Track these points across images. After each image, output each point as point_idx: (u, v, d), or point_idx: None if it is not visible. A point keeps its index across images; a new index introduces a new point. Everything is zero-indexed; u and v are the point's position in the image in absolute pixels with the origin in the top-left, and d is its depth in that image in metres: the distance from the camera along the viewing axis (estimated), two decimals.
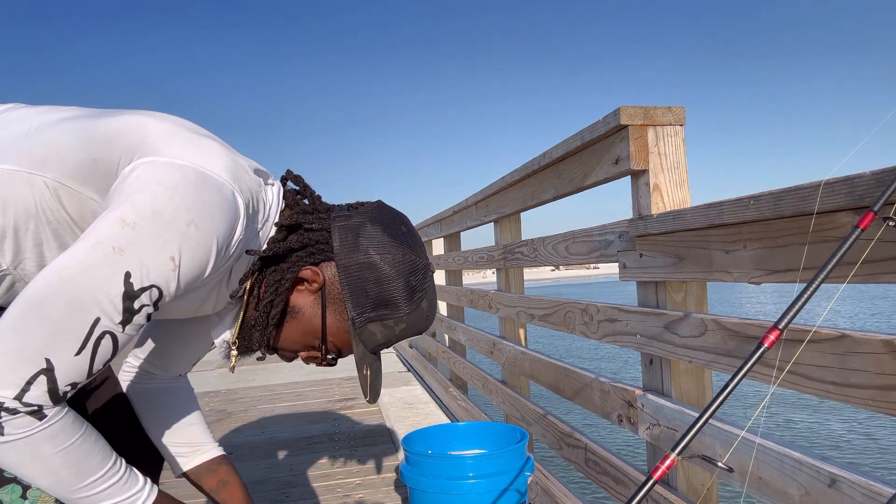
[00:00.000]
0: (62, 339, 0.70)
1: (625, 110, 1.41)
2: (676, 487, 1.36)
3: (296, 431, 2.98)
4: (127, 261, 0.72)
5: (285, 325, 0.92)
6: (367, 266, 0.88)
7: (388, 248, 0.89)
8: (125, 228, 0.72)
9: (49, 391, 0.71)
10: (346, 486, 2.19)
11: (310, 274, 0.89)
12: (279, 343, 0.95)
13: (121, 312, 0.73)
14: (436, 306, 0.96)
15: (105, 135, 0.79)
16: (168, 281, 0.75)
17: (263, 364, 5.37)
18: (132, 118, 0.82)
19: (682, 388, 1.38)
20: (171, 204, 0.73)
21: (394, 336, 0.91)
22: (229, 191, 0.78)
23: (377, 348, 0.91)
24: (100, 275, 0.71)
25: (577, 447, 1.80)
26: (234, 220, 0.79)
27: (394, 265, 0.88)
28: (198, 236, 0.75)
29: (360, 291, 0.89)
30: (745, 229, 1.08)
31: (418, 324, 0.92)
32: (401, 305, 0.89)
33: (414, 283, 0.90)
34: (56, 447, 0.75)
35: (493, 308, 2.70)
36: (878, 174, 0.79)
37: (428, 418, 3.08)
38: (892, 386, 0.81)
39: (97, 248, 0.71)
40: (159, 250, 0.73)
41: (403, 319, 0.90)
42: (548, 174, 1.99)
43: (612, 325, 1.57)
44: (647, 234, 1.39)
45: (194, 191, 0.75)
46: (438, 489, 1.52)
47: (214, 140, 0.84)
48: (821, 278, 0.60)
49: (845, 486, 0.86)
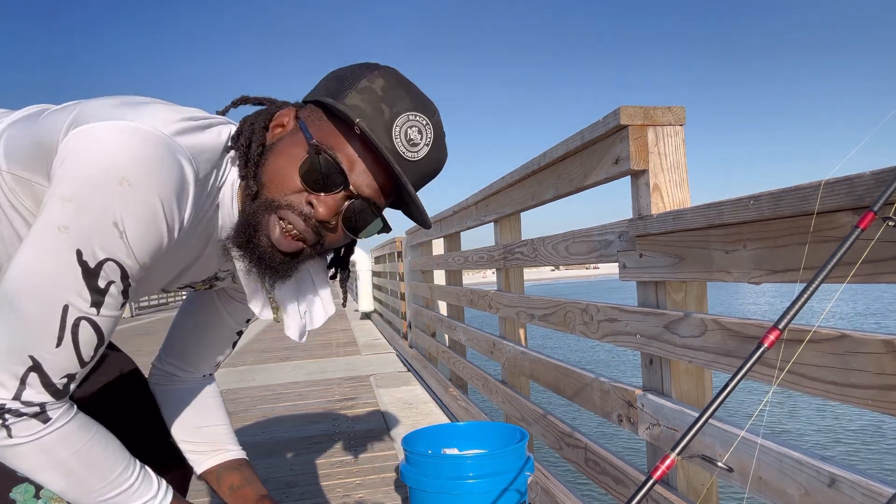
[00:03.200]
0: (39, 335, 0.69)
1: (625, 110, 1.41)
2: (676, 487, 1.36)
3: (296, 431, 2.98)
4: (74, 238, 0.68)
5: (269, 162, 0.81)
6: (328, 76, 0.84)
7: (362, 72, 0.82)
8: (65, 204, 0.68)
9: (45, 386, 0.71)
10: (346, 486, 2.19)
11: (281, 116, 0.83)
12: (270, 186, 0.80)
13: (88, 295, 0.70)
14: (425, 97, 0.85)
15: (51, 119, 0.76)
16: (118, 252, 0.70)
17: (264, 364, 5.38)
18: (79, 101, 0.78)
19: (682, 388, 1.38)
20: (101, 165, 0.68)
21: (378, 98, 0.79)
22: (163, 140, 0.71)
23: (374, 125, 0.78)
24: (53, 260, 0.68)
25: (577, 447, 1.80)
26: (177, 169, 0.72)
27: (357, 66, 0.83)
28: (135, 194, 0.68)
29: (324, 87, 0.82)
30: (745, 229, 1.08)
31: (403, 84, 0.82)
32: (368, 68, 0.81)
33: (376, 64, 0.84)
34: (68, 449, 0.75)
35: (493, 308, 2.70)
36: (878, 174, 0.79)
37: (428, 418, 3.08)
38: (892, 386, 0.81)
39: (45, 233, 0.68)
40: (99, 219, 0.68)
41: (377, 75, 0.80)
42: (548, 174, 1.99)
43: (612, 325, 1.57)
44: (647, 234, 1.39)
45: (124, 147, 0.68)
46: (438, 489, 1.52)
47: (158, 102, 0.78)
48: (821, 278, 0.60)
49: (845, 486, 0.86)
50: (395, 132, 0.79)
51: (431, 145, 0.82)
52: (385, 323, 7.93)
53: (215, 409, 1.14)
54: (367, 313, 9.58)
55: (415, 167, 0.81)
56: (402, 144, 0.79)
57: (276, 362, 5.47)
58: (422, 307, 4.85)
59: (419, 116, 0.80)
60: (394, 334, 6.57)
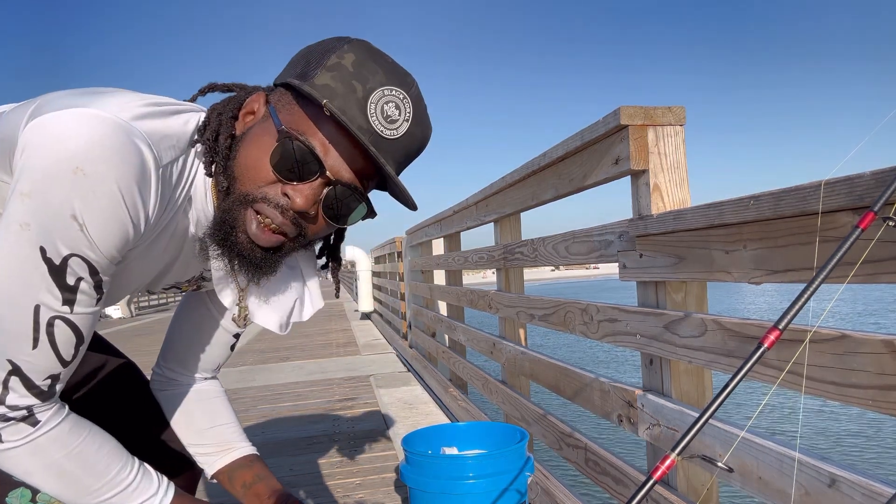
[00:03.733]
0: (13, 337, 0.67)
1: (625, 110, 1.41)
2: (676, 487, 1.36)
3: (296, 431, 2.98)
4: (36, 235, 0.65)
5: (239, 153, 0.77)
6: (298, 54, 0.79)
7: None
8: (24, 200, 0.65)
9: (28, 388, 0.69)
10: (346, 486, 2.19)
11: (251, 103, 0.79)
12: (242, 179, 0.77)
13: (58, 293, 0.67)
14: (399, 66, 0.79)
15: (14, 114, 0.73)
16: (81, 246, 0.67)
17: (264, 364, 5.37)
18: (42, 95, 0.75)
19: (682, 388, 1.38)
20: (54, 155, 0.64)
21: (349, 75, 0.74)
22: (120, 125, 0.67)
23: (346, 105, 0.73)
24: (17, 259, 0.65)
25: (577, 447, 1.80)
26: (135, 154, 0.68)
27: (325, 41, 0.78)
28: (91, 184, 0.65)
29: (291, 67, 0.78)
30: (745, 229, 1.08)
31: (375, 56, 0.76)
32: (337, 42, 0.76)
33: (345, 37, 0.78)
34: (60, 451, 0.74)
35: (493, 308, 2.70)
36: (878, 174, 0.79)
37: (428, 418, 3.08)
38: (892, 386, 0.81)
39: (8, 231, 0.66)
40: (58, 213, 0.65)
41: (346, 50, 0.75)
42: (548, 174, 1.99)
43: (612, 325, 1.57)
44: (647, 234, 1.39)
45: (78, 134, 0.64)
46: (438, 489, 1.52)
47: (121, 91, 0.74)
48: (821, 278, 0.60)
49: (845, 486, 0.86)
50: (371, 109, 0.73)
51: (412, 120, 0.76)
52: (385, 323, 7.92)
53: (221, 409, 1.11)
54: (367, 313, 9.58)
55: (396, 145, 0.76)
56: (379, 122, 0.74)
57: (276, 362, 5.47)
58: (422, 307, 4.85)
59: (395, 91, 0.75)
60: (394, 334, 6.57)
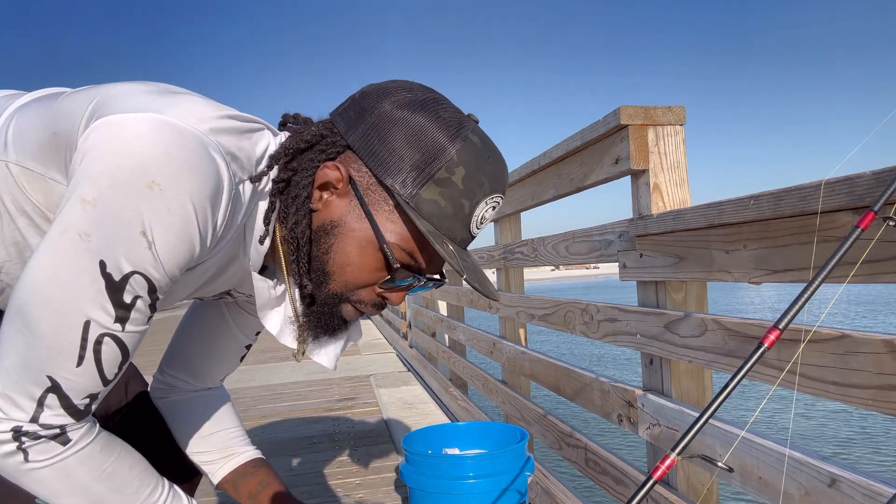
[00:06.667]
0: (57, 353, 0.62)
1: (625, 110, 1.41)
2: (676, 487, 1.36)
3: (296, 431, 2.98)
4: (97, 247, 0.60)
5: (332, 250, 0.74)
6: (382, 120, 0.71)
7: (396, 91, 0.73)
8: (86, 208, 0.60)
9: (65, 408, 0.65)
10: (346, 486, 2.19)
11: (328, 171, 0.72)
12: (337, 279, 0.75)
13: (112, 310, 0.63)
14: (496, 152, 0.75)
15: (67, 106, 0.68)
16: (146, 264, 0.62)
17: (264, 364, 5.37)
18: (99, 86, 0.70)
19: (682, 388, 1.38)
20: (127, 165, 0.60)
21: (459, 193, 0.70)
22: (198, 138, 0.63)
23: (453, 225, 0.71)
24: (73, 270, 0.61)
25: (577, 447, 1.80)
26: (213, 171, 0.64)
27: (411, 105, 0.71)
28: (165, 200, 0.61)
29: (388, 155, 0.71)
30: (745, 229, 1.08)
31: (480, 163, 0.71)
32: (443, 144, 0.70)
33: (446, 115, 0.72)
34: (90, 472, 0.70)
35: (493, 308, 2.70)
36: (878, 174, 0.79)
37: (428, 418, 3.08)
38: (892, 386, 0.81)
39: (63, 239, 0.61)
40: (126, 227, 0.61)
41: (456, 161, 0.70)
42: (548, 174, 1.99)
43: (612, 325, 1.57)
44: (647, 233, 1.39)
45: (155, 144, 0.60)
46: (438, 489, 1.52)
47: (192, 94, 0.70)
48: (821, 278, 0.60)
49: (845, 486, 0.86)
50: (473, 224, 0.74)
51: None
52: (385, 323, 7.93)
53: (224, 415, 1.08)
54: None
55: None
56: (476, 227, 0.75)
57: (276, 362, 5.47)
58: (422, 307, 4.85)
59: (497, 197, 0.75)
60: (394, 334, 6.57)
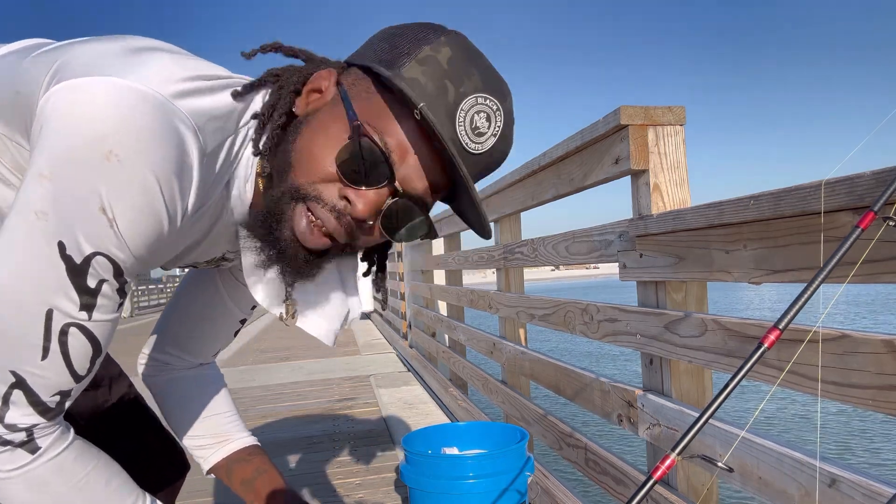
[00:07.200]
0: (19, 345, 0.57)
1: (625, 110, 1.41)
2: (676, 487, 1.36)
3: (296, 431, 2.98)
4: (54, 227, 0.55)
5: (300, 137, 0.67)
6: (381, 34, 0.69)
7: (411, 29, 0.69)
8: (43, 183, 0.54)
9: (32, 405, 0.59)
10: (346, 486, 2.19)
11: (318, 79, 0.68)
12: (298, 168, 0.66)
13: (76, 296, 0.57)
14: (491, 65, 0.70)
15: (33, 62, 0.62)
16: (108, 244, 0.57)
17: (264, 364, 5.37)
18: (69, 43, 0.64)
19: (682, 388, 1.38)
20: (83, 135, 0.54)
21: (442, 73, 0.64)
22: (161, 103, 0.57)
23: (435, 109, 0.63)
24: (30, 254, 0.55)
25: (577, 447, 1.80)
26: (177, 140, 0.58)
27: (417, 27, 0.68)
28: (124, 172, 0.55)
29: (374, 49, 0.68)
30: (745, 229, 1.08)
31: (471, 56, 0.67)
32: (431, 32, 0.67)
33: (440, 26, 0.68)
34: (63, 484, 0.64)
35: (493, 308, 2.70)
36: (878, 174, 0.79)
37: (428, 418, 3.08)
38: (892, 386, 0.81)
39: (19, 219, 0.55)
40: (83, 204, 0.55)
41: (444, 42, 0.65)
42: (548, 174, 1.99)
43: (612, 325, 1.57)
44: (647, 234, 1.39)
45: (112, 112, 0.54)
46: (438, 489, 1.52)
47: (162, 51, 0.63)
48: (821, 278, 0.60)
49: (845, 486, 0.86)
50: (459, 118, 0.64)
51: (499, 136, 0.67)
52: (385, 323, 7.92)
53: (219, 398, 1.03)
54: (368, 313, 9.59)
55: (476, 161, 0.67)
56: (466, 133, 0.65)
57: (276, 362, 5.47)
58: (422, 307, 4.85)
59: (489, 100, 0.66)
60: (394, 334, 6.57)
